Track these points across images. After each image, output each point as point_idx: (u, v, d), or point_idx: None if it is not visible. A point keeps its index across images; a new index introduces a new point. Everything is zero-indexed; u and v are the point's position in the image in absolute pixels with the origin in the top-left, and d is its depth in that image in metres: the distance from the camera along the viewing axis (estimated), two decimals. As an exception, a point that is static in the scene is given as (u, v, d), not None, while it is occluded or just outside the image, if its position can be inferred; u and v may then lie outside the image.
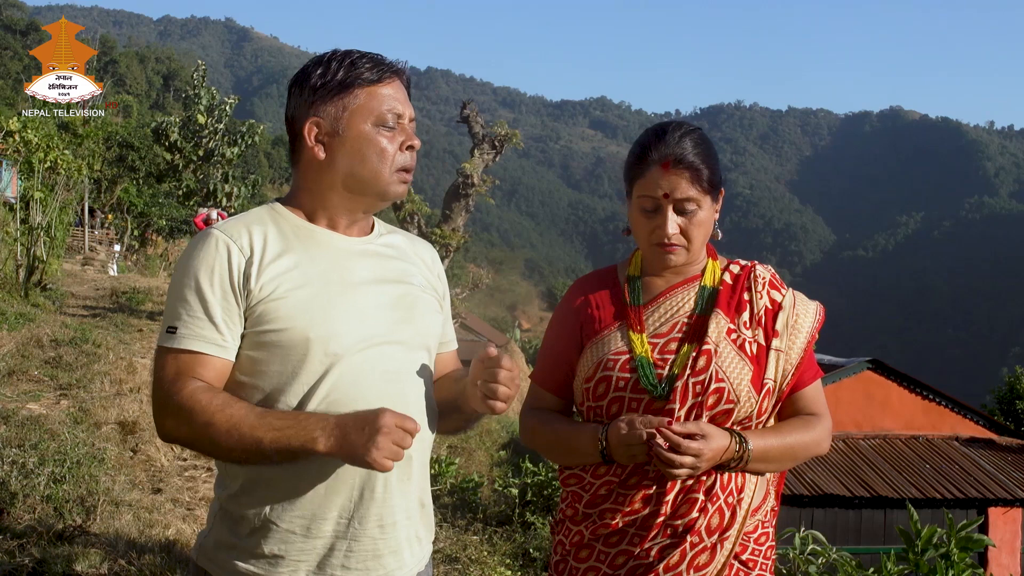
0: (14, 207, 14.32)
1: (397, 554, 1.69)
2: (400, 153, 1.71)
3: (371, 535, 1.65)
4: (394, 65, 1.74)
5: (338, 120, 1.67)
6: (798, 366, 1.94)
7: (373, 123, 1.68)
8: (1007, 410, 21.16)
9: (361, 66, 1.69)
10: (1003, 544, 12.89)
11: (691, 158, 1.89)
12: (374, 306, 1.69)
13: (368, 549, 1.65)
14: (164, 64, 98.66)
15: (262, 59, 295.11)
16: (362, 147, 1.67)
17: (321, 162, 1.70)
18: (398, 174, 1.71)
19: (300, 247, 1.67)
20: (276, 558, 1.61)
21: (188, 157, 28.04)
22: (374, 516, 1.65)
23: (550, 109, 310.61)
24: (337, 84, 1.68)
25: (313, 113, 1.69)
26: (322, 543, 1.62)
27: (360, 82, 1.68)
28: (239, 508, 1.63)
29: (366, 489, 1.63)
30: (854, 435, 14.27)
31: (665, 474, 1.80)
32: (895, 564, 3.82)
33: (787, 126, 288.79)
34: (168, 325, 1.61)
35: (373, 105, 1.68)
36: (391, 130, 1.69)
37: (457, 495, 6.40)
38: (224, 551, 1.64)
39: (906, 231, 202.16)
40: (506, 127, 29.85)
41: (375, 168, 1.68)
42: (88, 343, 8.95)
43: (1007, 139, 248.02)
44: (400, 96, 1.72)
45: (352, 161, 1.68)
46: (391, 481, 1.66)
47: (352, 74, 1.68)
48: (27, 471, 4.61)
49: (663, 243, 1.92)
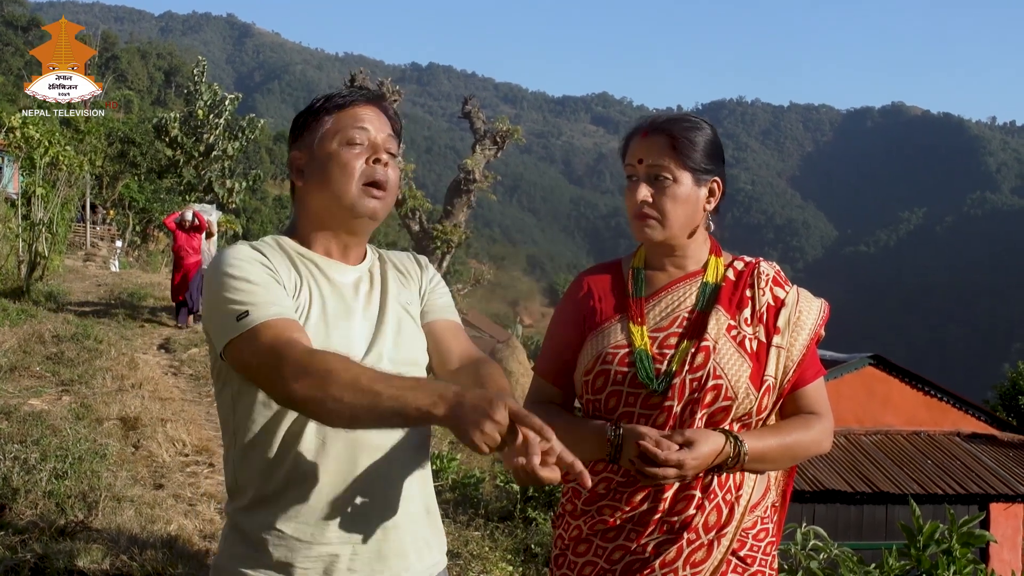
0: (16, 203, 14.33)
1: (402, 556, 1.70)
2: (367, 167, 1.70)
3: (375, 537, 1.67)
4: (368, 91, 1.77)
5: (311, 147, 1.72)
6: (799, 363, 1.93)
7: (339, 142, 1.70)
8: (1009, 406, 21.15)
9: (337, 96, 1.74)
10: (1004, 540, 12.89)
11: (671, 128, 1.90)
12: (367, 331, 1.72)
13: (372, 551, 1.67)
14: (166, 60, 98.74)
15: (264, 55, 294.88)
16: (327, 165, 1.70)
17: (300, 189, 1.75)
18: (365, 188, 1.70)
19: (306, 273, 1.71)
20: (284, 565, 1.63)
21: (189, 153, 28.04)
22: (376, 519, 1.67)
23: (552, 105, 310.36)
24: (309, 116, 1.73)
25: (294, 148, 1.75)
26: (328, 549, 1.64)
27: (331, 108, 1.73)
28: (248, 521, 1.66)
29: (368, 494, 1.66)
30: (856, 431, 14.28)
31: (645, 482, 1.81)
32: (897, 560, 3.82)
33: (789, 122, 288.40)
34: (236, 315, 1.56)
35: (339, 126, 1.71)
36: (359, 145, 1.71)
37: (459, 491, 6.40)
38: (236, 561, 1.66)
39: (908, 227, 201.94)
40: (508, 123, 29.86)
41: (339, 184, 1.69)
42: (90, 339, 8.96)
43: (1009, 135, 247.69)
44: (371, 116, 1.74)
45: (321, 181, 1.70)
46: (392, 486, 1.69)
47: (327, 104, 1.73)
48: (29, 467, 4.61)
49: (636, 213, 1.92)
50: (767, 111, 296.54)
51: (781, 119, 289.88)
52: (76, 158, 14.92)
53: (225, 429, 1.73)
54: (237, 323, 1.56)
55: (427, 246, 28.92)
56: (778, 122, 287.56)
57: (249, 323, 1.55)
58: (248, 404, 1.65)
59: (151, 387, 7.48)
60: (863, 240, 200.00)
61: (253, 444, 1.65)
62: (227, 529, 1.72)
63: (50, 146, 13.62)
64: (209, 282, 1.64)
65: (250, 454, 1.66)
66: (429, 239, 28.86)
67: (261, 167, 51.60)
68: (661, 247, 1.97)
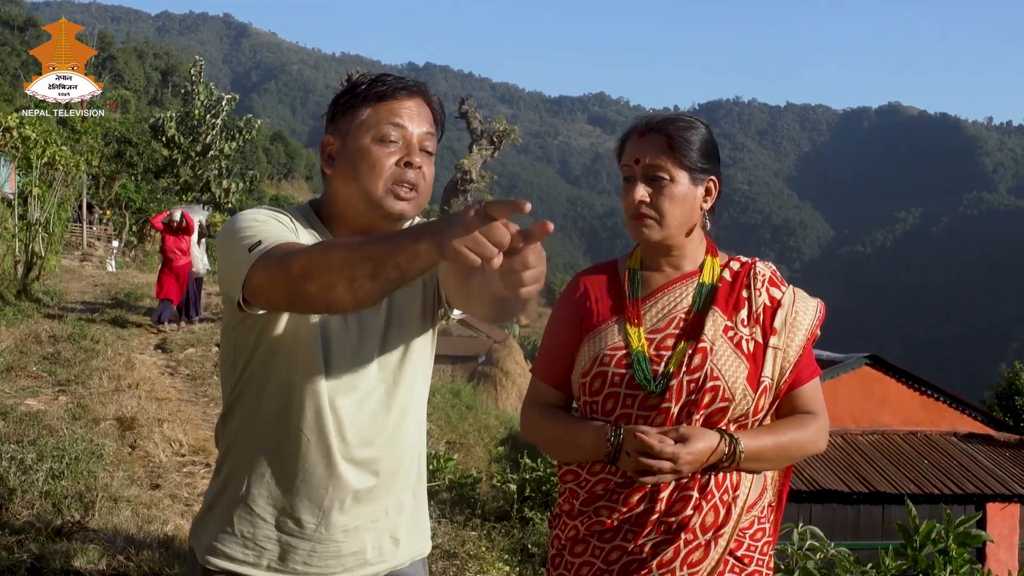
0: (12, 203, 14.30)
1: (359, 553, 1.76)
2: (396, 168, 1.67)
3: (336, 539, 1.72)
4: (410, 82, 1.72)
5: (345, 136, 1.68)
6: (796, 364, 1.94)
7: (372, 138, 1.66)
8: (1005, 406, 21.18)
9: (379, 84, 1.69)
10: (1001, 540, 12.91)
11: (667, 128, 1.90)
12: (379, 321, 1.75)
13: (331, 551, 1.72)
14: (162, 60, 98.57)
15: (260, 55, 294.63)
16: (357, 161, 1.66)
17: (328, 177, 1.73)
18: (393, 188, 1.66)
19: None
20: (244, 539, 1.69)
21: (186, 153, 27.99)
22: (339, 525, 1.71)
23: (548, 105, 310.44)
24: (350, 101, 1.68)
25: (329, 131, 1.71)
26: (287, 540, 1.69)
27: (370, 98, 1.68)
28: (221, 481, 1.74)
29: (336, 501, 1.70)
30: (852, 431, 14.29)
31: (641, 481, 1.82)
32: (893, 560, 3.83)
33: (786, 122, 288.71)
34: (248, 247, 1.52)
35: (376, 120, 1.67)
36: (392, 144, 1.67)
37: (455, 491, 6.40)
38: (202, 529, 1.75)
39: (904, 227, 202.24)
40: (504, 123, 29.86)
41: (366, 182, 1.66)
42: (86, 339, 8.95)
43: (1005, 135, 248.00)
44: (411, 110, 1.69)
45: (349, 174, 1.68)
46: (361, 493, 1.72)
47: (368, 91, 1.68)
48: (25, 467, 4.61)
49: (634, 213, 1.92)
50: (764, 111, 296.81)
51: (778, 119, 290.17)
52: (72, 158, 14.88)
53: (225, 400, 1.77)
54: (250, 254, 1.51)
55: (424, 246, 28.88)
56: (775, 122, 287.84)
57: (262, 249, 1.51)
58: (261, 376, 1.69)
59: (148, 387, 7.47)
60: (860, 240, 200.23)
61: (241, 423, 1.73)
62: (208, 492, 1.79)
63: (47, 146, 13.59)
64: (222, 243, 1.61)
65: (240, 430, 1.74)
66: (426, 239, 28.81)
67: (258, 167, 51.57)
68: (658, 247, 1.97)
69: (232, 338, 1.71)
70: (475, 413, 12.01)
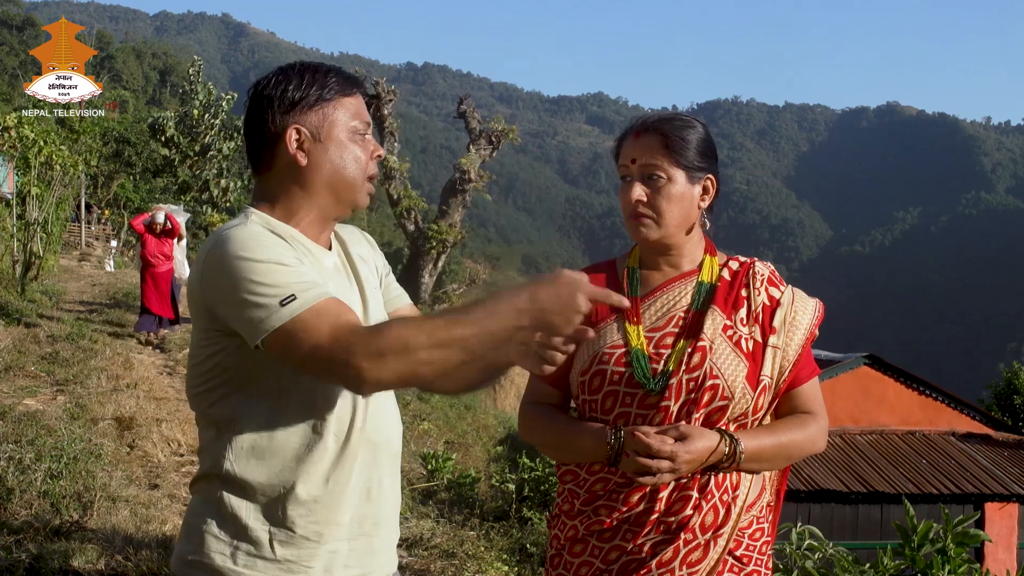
0: (10, 203, 14.31)
1: (386, 551, 1.76)
2: (370, 161, 1.76)
3: (367, 532, 1.70)
4: (359, 79, 1.80)
5: (319, 128, 1.70)
6: (795, 363, 1.94)
7: (348, 132, 1.72)
8: (1004, 405, 21.18)
9: (333, 78, 1.74)
10: (999, 539, 12.93)
11: (663, 128, 1.92)
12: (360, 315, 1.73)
13: (364, 547, 1.70)
14: (161, 59, 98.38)
15: (259, 54, 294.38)
16: (343, 154, 1.71)
17: (302, 168, 1.70)
18: (367, 183, 1.76)
19: (302, 254, 1.65)
20: (289, 563, 1.61)
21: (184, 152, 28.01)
22: (371, 515, 1.70)
23: (547, 105, 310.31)
24: (316, 95, 1.71)
25: (293, 122, 1.69)
26: (331, 547, 1.65)
27: (335, 93, 1.73)
28: (254, 514, 1.61)
29: (372, 490, 1.69)
30: (851, 430, 14.31)
31: (640, 482, 1.81)
32: (891, 559, 3.83)
33: (784, 122, 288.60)
34: (280, 301, 1.47)
35: (347, 116, 1.73)
36: (361, 137, 1.74)
37: (454, 490, 6.41)
38: (227, 557, 1.61)
39: (903, 227, 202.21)
40: (503, 123, 29.91)
41: (353, 175, 1.72)
42: (85, 339, 8.96)
43: (1004, 135, 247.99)
44: (363, 108, 1.78)
45: (334, 168, 1.71)
46: (385, 481, 1.73)
47: (327, 86, 1.72)
48: (24, 467, 4.61)
49: (632, 213, 1.93)
50: (762, 111, 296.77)
51: (776, 119, 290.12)
52: (71, 158, 14.89)
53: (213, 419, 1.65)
54: (282, 309, 1.46)
55: (422, 246, 28.94)
56: (773, 122, 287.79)
57: (298, 308, 1.46)
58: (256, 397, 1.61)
59: (146, 387, 7.47)
60: (858, 240, 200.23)
61: (259, 438, 1.61)
62: (208, 518, 1.63)
63: (45, 146, 13.59)
64: (224, 270, 1.53)
65: (258, 445, 1.61)
66: (424, 239, 28.88)
67: (256, 167, 51.49)
68: (656, 246, 1.98)
69: (215, 362, 1.62)
70: (473, 413, 12.03)
